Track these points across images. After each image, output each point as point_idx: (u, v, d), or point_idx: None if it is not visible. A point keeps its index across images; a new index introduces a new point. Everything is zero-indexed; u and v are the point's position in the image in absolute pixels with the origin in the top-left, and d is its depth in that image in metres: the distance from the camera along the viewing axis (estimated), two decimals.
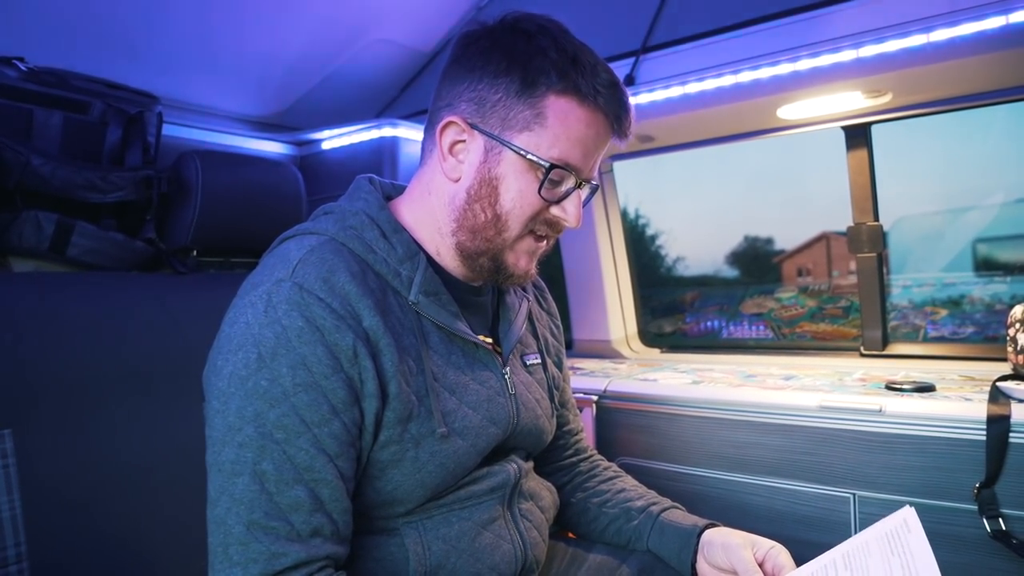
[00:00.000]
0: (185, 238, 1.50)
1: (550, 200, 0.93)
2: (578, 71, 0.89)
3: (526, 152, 0.90)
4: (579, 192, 0.95)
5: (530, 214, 0.93)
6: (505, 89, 0.90)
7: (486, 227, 0.93)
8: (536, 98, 0.89)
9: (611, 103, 0.91)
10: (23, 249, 1.36)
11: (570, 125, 0.90)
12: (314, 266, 0.86)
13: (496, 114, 0.90)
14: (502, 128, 0.91)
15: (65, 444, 1.15)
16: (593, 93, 0.89)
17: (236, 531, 0.79)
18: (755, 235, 5.20)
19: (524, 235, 0.95)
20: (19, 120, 1.36)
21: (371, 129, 2.01)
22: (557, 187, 0.93)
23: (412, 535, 0.92)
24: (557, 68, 0.88)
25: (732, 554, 0.97)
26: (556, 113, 0.89)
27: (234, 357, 0.83)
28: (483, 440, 0.96)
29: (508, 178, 0.91)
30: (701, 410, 1.59)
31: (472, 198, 0.93)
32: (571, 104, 0.89)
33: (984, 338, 2.03)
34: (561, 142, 0.90)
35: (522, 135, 0.90)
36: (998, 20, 1.31)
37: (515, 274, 0.98)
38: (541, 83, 0.88)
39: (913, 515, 0.83)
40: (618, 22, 1.84)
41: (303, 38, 1.85)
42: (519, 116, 0.90)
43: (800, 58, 1.51)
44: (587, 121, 0.90)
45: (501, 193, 0.92)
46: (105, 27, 1.54)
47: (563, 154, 0.90)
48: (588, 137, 0.91)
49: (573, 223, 0.95)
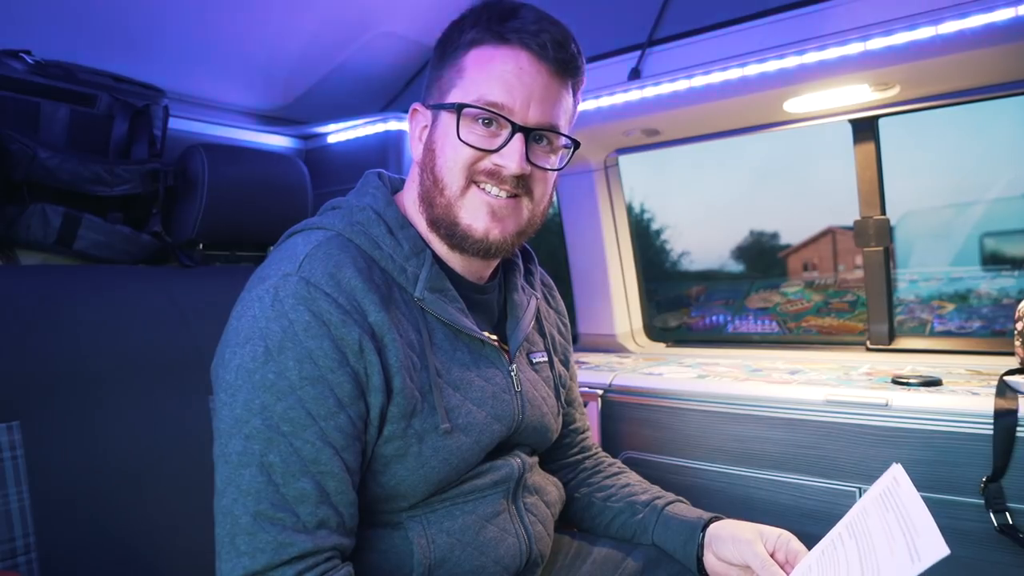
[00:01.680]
0: (191, 231, 1.51)
1: (478, 147, 0.91)
2: (492, 18, 0.91)
3: (444, 104, 0.92)
4: (519, 137, 0.90)
5: (462, 163, 0.92)
6: (437, 64, 0.97)
7: (431, 190, 0.94)
8: (457, 58, 0.93)
9: (532, 35, 0.90)
10: (30, 242, 1.37)
11: (485, 67, 0.91)
12: (321, 261, 0.87)
13: (435, 88, 0.97)
14: (439, 97, 0.95)
15: (73, 436, 1.16)
16: (506, 31, 0.90)
17: (243, 521, 0.80)
18: (760, 229, 5.19)
19: (467, 188, 0.93)
20: (26, 113, 1.36)
21: (376, 123, 2.01)
22: (493, 137, 0.91)
23: (416, 528, 0.92)
24: (473, 23, 0.92)
25: (744, 549, 0.96)
26: (473, 63, 0.92)
27: (241, 350, 0.83)
28: (487, 436, 0.96)
29: (442, 137, 0.94)
30: (706, 404, 1.59)
31: (421, 169, 0.96)
32: (485, 49, 0.91)
33: (991, 332, 2.02)
34: (479, 85, 0.91)
35: (448, 94, 0.93)
36: (1007, 12, 1.29)
37: (472, 236, 0.93)
38: (461, 45, 0.93)
39: (900, 470, 0.85)
40: (624, 16, 1.83)
41: (309, 32, 1.85)
42: (446, 80, 0.94)
43: (807, 51, 1.50)
44: (501, 57, 0.90)
45: (437, 153, 0.94)
46: (111, 21, 1.54)
47: (481, 95, 0.90)
48: (507, 72, 0.90)
49: (513, 167, 0.90)
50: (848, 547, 0.82)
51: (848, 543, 0.82)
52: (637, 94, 1.74)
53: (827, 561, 0.84)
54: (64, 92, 1.41)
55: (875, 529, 0.79)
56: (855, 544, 0.81)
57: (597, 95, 1.79)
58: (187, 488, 1.24)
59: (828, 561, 0.84)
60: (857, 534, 0.82)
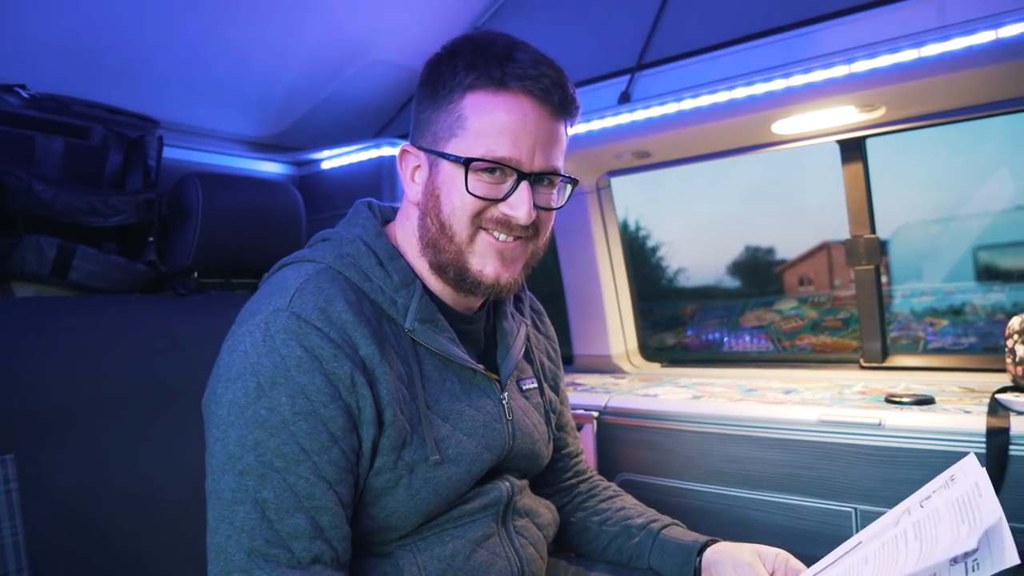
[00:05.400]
0: (186, 260, 1.51)
1: (487, 197, 0.91)
2: (488, 61, 0.88)
3: (449, 155, 0.91)
4: (526, 185, 0.91)
5: (470, 213, 0.92)
6: (429, 105, 0.94)
7: (438, 237, 0.94)
8: (454, 103, 0.90)
9: (528, 80, 0.88)
10: (25, 274, 1.38)
11: (488, 117, 0.89)
12: (311, 295, 0.87)
13: (429, 131, 0.94)
14: (434, 142, 0.93)
15: (67, 468, 1.16)
16: (504, 77, 0.88)
17: (237, 559, 0.79)
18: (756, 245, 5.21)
19: (475, 236, 0.93)
20: (21, 146, 1.37)
21: (370, 149, 2.03)
22: (499, 184, 0.91)
23: (407, 557, 0.92)
24: (468, 65, 0.89)
25: (744, 573, 0.97)
26: (473, 110, 0.89)
27: (233, 385, 0.83)
28: (477, 466, 0.96)
29: (446, 185, 0.92)
30: (702, 425, 1.59)
31: (424, 214, 0.95)
32: (485, 96, 0.89)
33: (984, 349, 2.02)
34: (483, 138, 0.89)
35: (450, 142, 0.91)
36: (988, 35, 1.32)
37: (484, 282, 0.94)
38: (456, 87, 0.90)
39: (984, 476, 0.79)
40: (614, 40, 1.86)
41: (302, 59, 1.87)
42: (443, 126, 0.92)
43: (793, 74, 1.52)
44: (505, 107, 0.89)
45: (442, 201, 0.93)
46: (105, 53, 1.56)
47: (489, 149, 0.89)
48: (513, 122, 0.89)
49: (523, 218, 0.91)
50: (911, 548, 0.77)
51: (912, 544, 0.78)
52: (628, 117, 1.76)
53: (885, 555, 0.80)
54: (59, 125, 1.42)
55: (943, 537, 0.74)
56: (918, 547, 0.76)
57: (588, 118, 1.81)
58: (182, 520, 1.24)
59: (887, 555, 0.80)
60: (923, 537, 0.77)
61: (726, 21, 1.69)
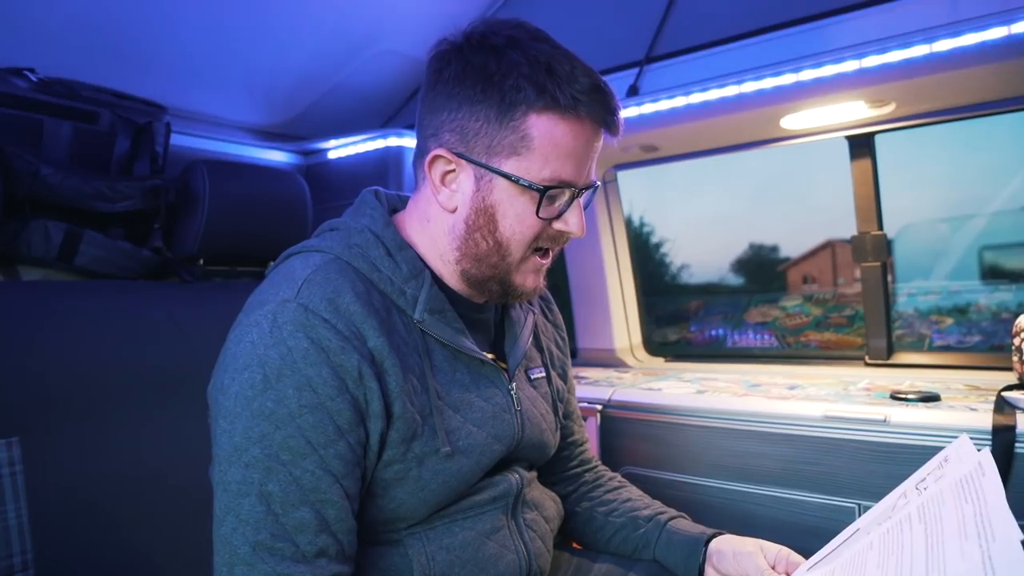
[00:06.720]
0: (192, 247, 1.51)
1: (549, 218, 0.92)
2: (555, 82, 0.85)
3: (517, 178, 0.88)
4: (579, 202, 0.93)
5: (531, 236, 0.92)
6: (484, 116, 0.87)
7: (489, 254, 0.93)
8: (517, 120, 0.86)
9: (595, 107, 0.87)
10: (32, 258, 1.38)
11: (557, 142, 0.87)
12: (319, 286, 0.86)
13: (480, 142, 0.88)
14: (488, 156, 0.88)
15: (72, 452, 1.16)
16: (574, 103, 0.86)
17: (242, 551, 0.79)
18: (760, 242, 5.20)
19: (528, 256, 0.94)
20: (29, 130, 1.38)
21: (376, 139, 2.02)
22: (555, 203, 0.91)
23: (416, 546, 0.92)
24: (533, 83, 0.85)
25: (745, 561, 0.98)
26: (540, 133, 0.86)
27: (240, 376, 0.82)
28: (487, 457, 0.96)
29: (503, 204, 0.90)
30: (706, 419, 1.59)
31: (471, 228, 0.92)
32: (553, 120, 0.86)
33: (989, 347, 2.02)
34: (551, 161, 0.87)
35: (510, 160, 0.88)
36: (1000, 30, 1.31)
37: (524, 292, 0.98)
38: (519, 103, 0.85)
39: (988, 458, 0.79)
40: (622, 33, 1.85)
41: (309, 49, 1.87)
42: (504, 142, 0.87)
43: (803, 68, 1.51)
44: (573, 133, 0.88)
45: (499, 220, 0.90)
46: (114, 38, 1.56)
47: (555, 173, 0.88)
48: (578, 148, 0.89)
49: (578, 232, 0.93)
50: (916, 532, 0.77)
51: (916, 528, 0.77)
52: (635, 110, 1.75)
53: (891, 540, 0.79)
54: (67, 109, 1.42)
55: (948, 519, 0.74)
56: (923, 531, 0.75)
57: None
58: (187, 505, 1.24)
59: (892, 540, 0.79)
60: (927, 520, 0.77)
61: (736, 15, 1.68)
